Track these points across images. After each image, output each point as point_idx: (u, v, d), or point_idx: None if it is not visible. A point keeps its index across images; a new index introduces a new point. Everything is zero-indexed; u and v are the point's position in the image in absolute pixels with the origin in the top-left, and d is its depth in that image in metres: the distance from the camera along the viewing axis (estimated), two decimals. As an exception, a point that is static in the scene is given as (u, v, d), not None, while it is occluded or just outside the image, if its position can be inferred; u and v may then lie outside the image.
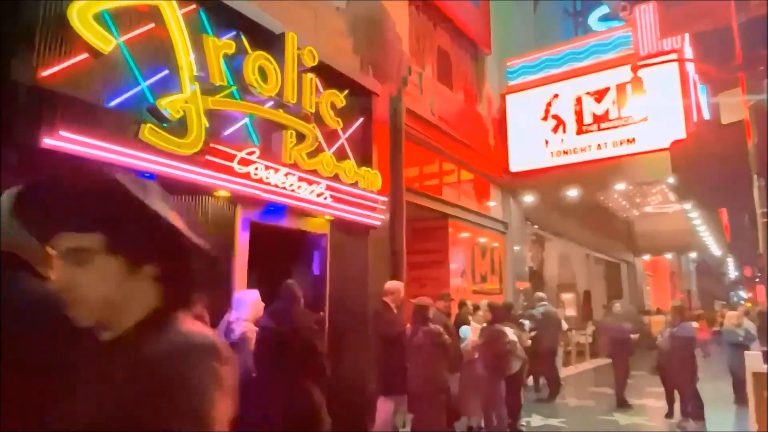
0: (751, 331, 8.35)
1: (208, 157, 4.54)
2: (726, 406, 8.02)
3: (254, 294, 4.33)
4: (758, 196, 6.69)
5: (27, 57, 3.64)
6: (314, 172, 5.69)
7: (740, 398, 7.43)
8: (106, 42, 3.95)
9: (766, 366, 4.79)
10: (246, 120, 5.23)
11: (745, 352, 5.38)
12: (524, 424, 7.00)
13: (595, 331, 14.15)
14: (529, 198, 11.90)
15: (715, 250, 22.75)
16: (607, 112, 10.78)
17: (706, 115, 10.87)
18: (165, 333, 0.95)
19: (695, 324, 7.76)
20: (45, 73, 3.68)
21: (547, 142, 11.37)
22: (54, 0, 3.79)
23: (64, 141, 3.58)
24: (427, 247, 9.44)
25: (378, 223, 6.55)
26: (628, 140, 10.43)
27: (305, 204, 5.52)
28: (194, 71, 4.54)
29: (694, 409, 7.01)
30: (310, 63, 5.67)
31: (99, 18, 3.97)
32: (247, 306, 4.16)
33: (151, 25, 4.42)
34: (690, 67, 10.34)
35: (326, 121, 6.01)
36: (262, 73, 5.14)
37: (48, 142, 3.52)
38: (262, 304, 4.28)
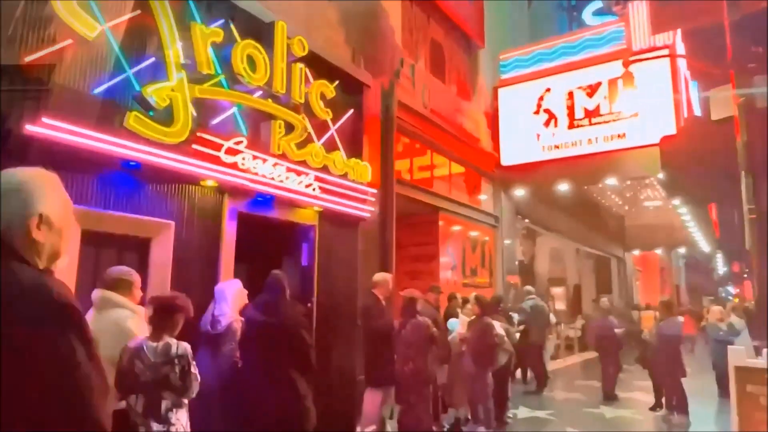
0: (736, 326, 8.44)
1: (194, 146, 4.50)
2: (710, 400, 8.12)
3: (236, 284, 4.31)
4: (745, 193, 6.73)
5: (10, 42, 3.58)
6: (303, 162, 5.66)
7: (723, 392, 7.52)
8: (90, 28, 3.90)
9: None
10: (234, 109, 5.18)
11: (728, 346, 5.42)
12: (511, 415, 7.05)
13: (584, 325, 14.28)
14: (520, 192, 11.92)
15: (704, 245, 22.92)
16: (598, 107, 10.80)
17: (697, 111, 10.92)
18: None
19: (681, 319, 7.83)
20: (28, 59, 3.63)
21: (538, 136, 11.38)
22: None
23: (46, 128, 3.53)
24: (418, 240, 9.44)
25: (367, 215, 6.53)
26: (618, 135, 10.46)
27: (293, 195, 5.49)
28: (181, 59, 4.49)
29: (679, 403, 7.10)
30: (299, 53, 5.63)
31: (84, 4, 3.92)
32: (230, 296, 4.14)
33: (138, 12, 4.37)
34: (681, 63, 10.38)
35: (316, 111, 5.97)
36: (251, 62, 5.10)
37: (30, 129, 3.48)
38: (246, 293, 4.26)
